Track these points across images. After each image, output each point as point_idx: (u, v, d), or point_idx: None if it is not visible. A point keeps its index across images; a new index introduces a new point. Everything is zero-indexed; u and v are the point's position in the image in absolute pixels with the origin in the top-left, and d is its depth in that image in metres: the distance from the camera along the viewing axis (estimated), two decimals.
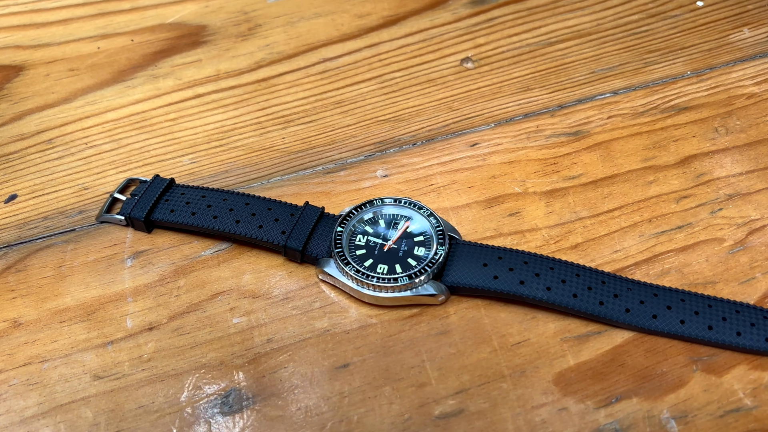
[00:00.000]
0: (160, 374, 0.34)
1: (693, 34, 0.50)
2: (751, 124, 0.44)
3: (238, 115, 0.46)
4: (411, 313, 0.36)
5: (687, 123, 0.45)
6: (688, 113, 0.45)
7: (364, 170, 0.43)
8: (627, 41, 0.50)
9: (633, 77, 0.48)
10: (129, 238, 0.40)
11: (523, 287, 0.36)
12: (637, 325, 0.35)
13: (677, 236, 0.39)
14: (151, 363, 0.35)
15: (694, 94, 0.46)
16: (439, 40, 0.51)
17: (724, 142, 0.43)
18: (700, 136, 0.44)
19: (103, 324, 0.36)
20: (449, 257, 0.37)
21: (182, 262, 0.39)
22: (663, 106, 0.46)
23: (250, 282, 0.38)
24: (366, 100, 0.47)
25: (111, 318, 0.36)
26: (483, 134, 0.44)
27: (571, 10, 0.53)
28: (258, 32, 0.52)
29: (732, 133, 0.44)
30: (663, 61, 0.48)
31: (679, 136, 0.44)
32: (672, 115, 0.45)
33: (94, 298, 0.37)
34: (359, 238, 0.38)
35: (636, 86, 0.47)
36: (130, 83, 0.48)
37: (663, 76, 0.47)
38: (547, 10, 0.53)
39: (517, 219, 0.40)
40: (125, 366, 0.35)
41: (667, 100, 0.46)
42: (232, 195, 0.40)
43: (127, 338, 0.36)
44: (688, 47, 0.49)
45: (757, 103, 0.45)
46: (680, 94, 0.46)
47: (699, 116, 0.45)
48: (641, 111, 0.45)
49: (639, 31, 0.51)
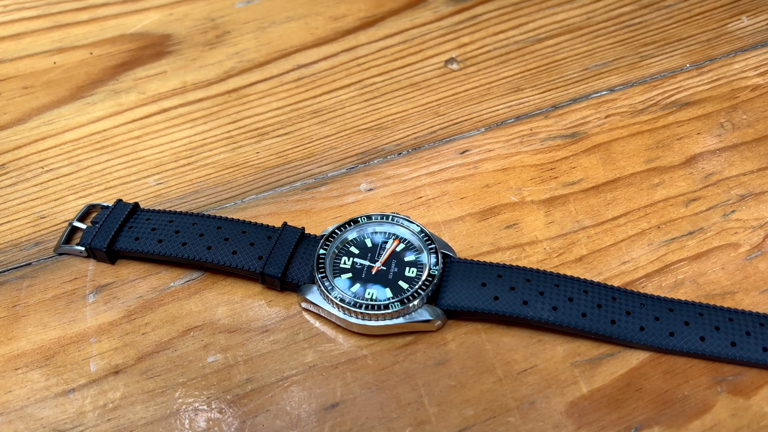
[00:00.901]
0: (128, 425, 0.31)
1: (689, 24, 0.48)
2: (759, 117, 0.41)
3: (207, 130, 0.43)
4: (405, 342, 0.33)
5: (690, 119, 0.42)
6: (691, 109, 0.42)
7: (347, 184, 0.39)
8: (620, 34, 0.47)
9: (629, 72, 0.44)
10: (91, 270, 0.36)
11: (527, 308, 0.32)
12: (654, 345, 0.32)
13: (689, 243, 0.36)
14: (118, 412, 0.31)
15: (695, 88, 0.43)
16: (420, 40, 0.48)
17: (731, 138, 0.40)
18: (705, 132, 0.41)
19: (63, 369, 0.32)
20: (444, 277, 0.34)
21: (150, 296, 0.35)
22: (663, 102, 0.43)
23: (225, 315, 0.34)
24: (345, 108, 0.43)
25: (72, 362, 0.33)
26: (473, 140, 0.41)
27: (559, 4, 0.50)
28: (226, 39, 0.48)
29: (739, 129, 0.41)
30: (660, 54, 0.46)
31: (682, 133, 0.41)
32: (673, 111, 0.42)
33: (53, 340, 0.33)
34: (344, 260, 0.34)
35: (633, 82, 0.44)
36: (90, 100, 0.44)
37: (661, 70, 0.44)
38: (534, 5, 0.50)
39: (515, 231, 0.37)
40: (89, 417, 0.31)
41: (667, 95, 0.43)
42: (202, 219, 0.36)
43: (90, 384, 0.32)
44: (685, 38, 0.47)
45: (763, 95, 0.43)
46: (680, 88, 0.43)
47: (702, 111, 0.42)
48: (640, 108, 0.42)
49: (632, 24, 0.48)
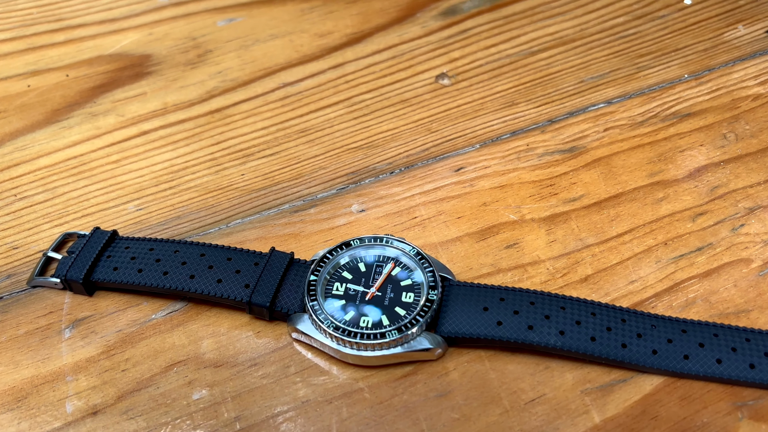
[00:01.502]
0: None
1: (685, 34, 0.46)
2: (762, 127, 0.40)
3: (189, 152, 0.41)
4: (404, 372, 0.31)
5: (692, 131, 0.40)
6: (692, 120, 0.41)
7: (337, 205, 0.37)
8: (615, 46, 0.46)
9: (626, 84, 0.43)
10: (67, 303, 0.34)
11: (533, 333, 0.30)
12: (668, 369, 0.30)
13: (698, 260, 0.34)
14: None
15: (695, 99, 0.42)
16: (410, 56, 0.46)
17: (735, 149, 0.39)
18: (708, 144, 0.39)
19: (37, 412, 0.30)
20: (443, 302, 0.32)
21: (130, 329, 0.33)
22: (663, 113, 0.41)
23: (211, 348, 0.32)
24: (334, 127, 0.42)
25: (47, 403, 0.30)
26: (468, 157, 0.39)
27: (551, 16, 0.48)
28: (208, 59, 0.46)
29: (742, 139, 0.39)
30: (657, 65, 0.44)
31: (684, 146, 0.39)
32: (674, 123, 0.41)
33: (26, 379, 0.31)
34: (336, 286, 0.32)
35: (631, 93, 0.42)
36: (66, 123, 0.42)
37: (659, 81, 0.43)
38: (525, 18, 0.48)
39: (516, 251, 0.35)
40: None
41: (667, 106, 0.41)
42: (184, 246, 0.34)
43: (66, 427, 0.30)
44: (682, 48, 0.45)
45: (765, 104, 0.41)
46: (680, 99, 0.42)
47: (704, 122, 0.40)
48: (640, 121, 0.41)
49: (627, 35, 0.47)
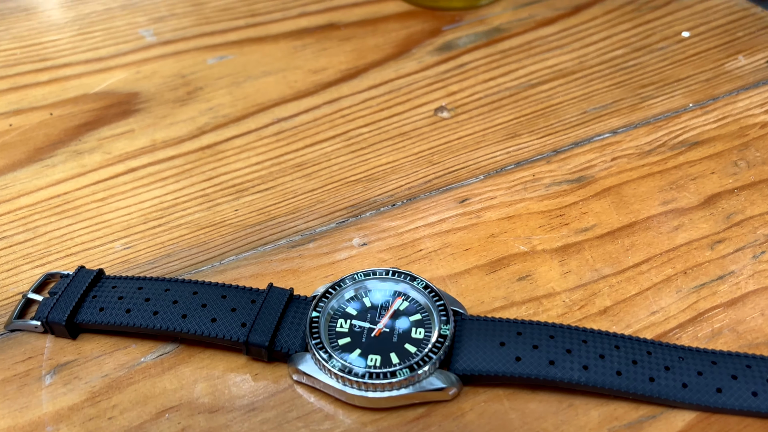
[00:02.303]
0: None
1: (686, 65, 0.46)
2: None
3: (179, 189, 0.39)
4: (416, 415, 0.28)
5: (702, 159, 0.39)
6: (701, 148, 0.39)
7: (338, 239, 0.35)
8: (616, 77, 0.45)
9: (631, 114, 0.42)
10: (48, 347, 0.31)
11: (555, 369, 0.28)
12: (700, 403, 0.28)
13: (720, 288, 0.32)
14: None
15: (702, 128, 0.41)
16: (407, 90, 0.45)
17: (748, 176, 0.38)
18: (719, 171, 0.38)
19: None
20: (456, 338, 0.30)
21: (117, 374, 0.30)
22: (671, 142, 0.40)
23: (205, 392, 0.29)
24: (331, 161, 0.40)
25: None
26: (472, 188, 0.38)
27: (549, 50, 0.47)
28: (199, 96, 0.45)
29: (754, 166, 0.38)
30: (660, 95, 0.43)
31: (696, 173, 0.38)
32: (683, 151, 0.39)
33: (2, 431, 0.28)
34: (340, 323, 0.30)
35: (636, 123, 0.41)
36: (49, 162, 0.41)
37: (664, 111, 0.42)
38: (522, 51, 0.47)
39: (529, 284, 0.33)
40: None
41: (674, 135, 0.40)
42: (175, 284, 0.32)
43: None
44: (684, 78, 0.44)
45: None
46: (687, 128, 0.41)
47: (713, 150, 0.39)
48: (648, 150, 0.39)
49: (627, 66, 0.46)
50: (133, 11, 0.53)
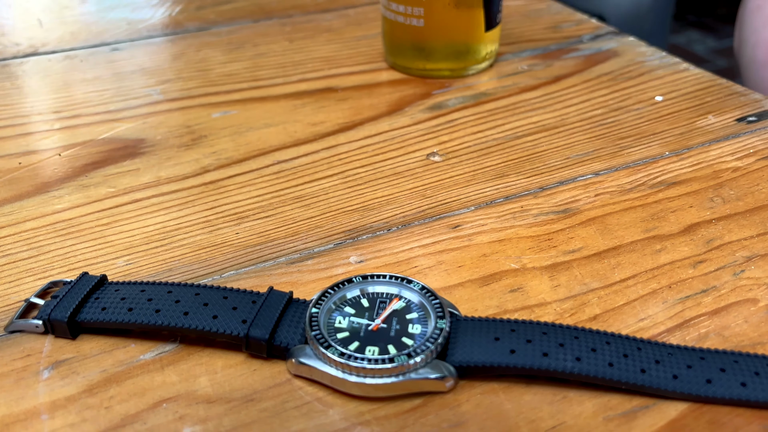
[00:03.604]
0: None
1: (660, 122, 0.49)
2: (746, 192, 0.41)
3: (182, 216, 0.40)
4: (412, 406, 0.29)
5: (680, 195, 0.41)
6: (678, 187, 0.42)
7: (335, 258, 0.37)
8: (596, 131, 0.48)
9: (611, 160, 0.45)
10: (47, 347, 0.31)
11: (549, 360, 0.29)
12: (690, 393, 0.28)
13: (705, 300, 0.34)
14: None
15: (678, 171, 0.43)
16: (400, 139, 0.47)
17: (724, 209, 0.40)
18: (697, 206, 0.40)
19: None
20: (452, 335, 0.30)
21: (115, 369, 0.30)
22: (650, 182, 0.42)
23: (204, 385, 0.30)
24: (329, 194, 0.42)
25: None
26: (464, 216, 0.40)
27: (532, 110, 0.51)
28: (203, 142, 0.47)
29: (729, 202, 0.40)
30: (638, 145, 0.46)
31: (675, 207, 0.40)
32: (662, 189, 0.42)
33: None
34: (339, 320, 0.31)
35: (617, 167, 0.44)
36: (56, 193, 0.42)
37: (642, 158, 0.45)
38: (507, 111, 0.51)
39: (521, 294, 0.34)
40: None
41: (653, 177, 0.43)
42: (177, 287, 0.33)
43: None
44: (659, 132, 0.48)
45: (745, 174, 0.43)
46: (664, 171, 0.43)
47: (690, 189, 0.42)
48: (629, 188, 0.42)
49: (606, 122, 0.49)
50: (141, 75, 0.56)
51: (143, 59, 0.59)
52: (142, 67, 0.57)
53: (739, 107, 0.50)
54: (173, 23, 0.66)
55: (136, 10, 0.69)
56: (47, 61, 0.58)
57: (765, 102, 0.51)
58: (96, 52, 0.60)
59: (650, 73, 0.56)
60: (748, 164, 0.44)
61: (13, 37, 0.63)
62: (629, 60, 0.57)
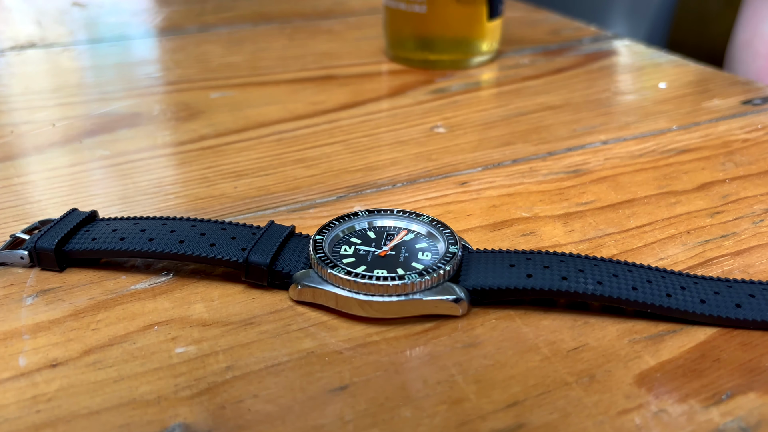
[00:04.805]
0: (66, 414, 0.23)
1: (665, 104, 0.48)
2: (757, 158, 0.40)
3: (179, 173, 0.39)
4: (423, 328, 0.27)
5: (692, 160, 0.40)
6: (689, 154, 0.41)
7: (339, 207, 0.35)
8: (602, 110, 0.47)
9: (619, 131, 0.44)
10: (32, 278, 0.29)
11: (568, 283, 0.27)
12: (720, 316, 0.27)
13: (725, 243, 0.32)
14: (52, 403, 0.23)
15: (688, 141, 0.42)
16: (403, 115, 0.47)
17: (737, 171, 0.39)
18: (709, 168, 0.39)
19: None
20: (464, 264, 0.29)
21: (104, 297, 0.28)
22: (660, 150, 0.41)
23: (199, 311, 0.28)
24: (331, 158, 0.41)
25: None
26: (471, 175, 0.38)
27: (536, 93, 0.50)
28: (200, 116, 0.46)
29: (742, 165, 0.39)
30: (645, 121, 0.45)
31: (688, 169, 0.39)
32: (673, 155, 0.41)
33: None
34: (344, 248, 0.29)
35: (625, 137, 0.43)
36: (48, 156, 0.41)
37: (650, 130, 0.44)
38: (511, 94, 0.50)
39: (534, 238, 0.33)
40: (10, 409, 0.23)
41: (663, 145, 0.42)
42: (173, 220, 0.31)
43: (17, 378, 0.24)
44: (666, 111, 0.47)
45: (755, 144, 0.42)
46: (674, 141, 0.42)
47: (701, 155, 0.41)
48: (638, 154, 0.41)
49: (611, 104, 0.48)
50: (139, 65, 0.55)
51: (142, 53, 0.58)
52: (140, 59, 0.57)
53: (743, 93, 0.50)
54: (173, 25, 0.66)
55: (135, 14, 0.69)
56: (45, 53, 0.58)
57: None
58: (94, 47, 0.59)
59: (652, 66, 0.55)
60: (758, 136, 0.43)
61: (12, 33, 0.63)
62: (630, 56, 0.57)
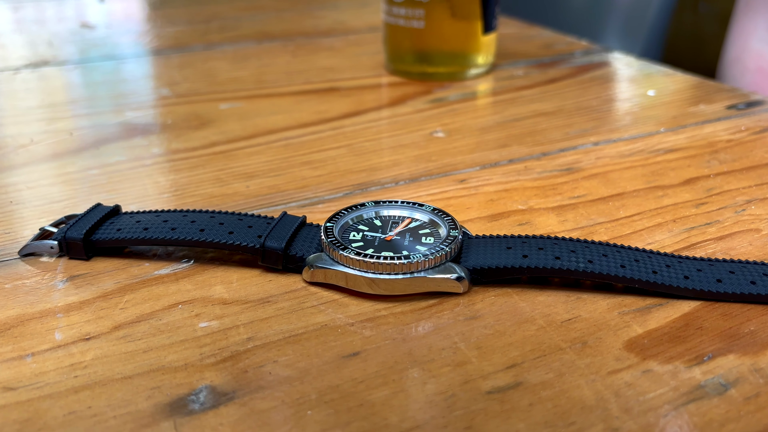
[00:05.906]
0: (102, 379, 0.25)
1: (654, 109, 0.51)
2: (741, 156, 0.43)
3: (193, 174, 0.41)
4: (428, 304, 0.29)
5: (678, 159, 0.42)
6: (676, 153, 0.43)
7: (345, 203, 0.37)
8: (593, 115, 0.50)
9: (609, 134, 0.46)
10: (61, 266, 0.32)
11: (561, 261, 0.29)
12: (703, 290, 0.29)
13: (709, 230, 0.34)
14: (88, 369, 0.25)
15: (675, 142, 0.45)
16: (404, 122, 0.49)
17: (721, 168, 0.41)
18: (695, 165, 0.41)
19: (20, 338, 0.27)
20: (464, 247, 0.31)
21: (130, 281, 0.30)
22: (648, 150, 0.44)
23: (220, 292, 0.30)
24: (336, 160, 0.43)
25: (33, 333, 0.27)
26: (470, 174, 0.41)
27: (530, 101, 0.53)
28: (211, 125, 0.49)
29: (725, 163, 0.42)
30: (634, 124, 0.48)
31: (675, 166, 0.41)
32: (661, 154, 0.43)
33: (11, 317, 0.28)
34: (353, 235, 0.31)
35: (615, 139, 0.45)
36: (67, 161, 0.43)
37: (639, 132, 0.46)
38: (506, 102, 0.53)
39: (530, 227, 0.35)
40: (51, 375, 0.25)
41: (651, 146, 0.44)
42: (193, 212, 0.33)
43: (54, 349, 0.26)
44: (654, 116, 0.49)
45: (738, 144, 0.44)
46: (662, 142, 0.45)
47: (688, 154, 0.43)
48: (628, 154, 0.43)
49: (602, 110, 0.51)
50: (150, 79, 0.58)
51: (151, 69, 0.61)
52: (150, 74, 0.59)
53: (728, 99, 0.52)
54: (180, 43, 0.68)
55: (141, 35, 0.72)
56: (58, 70, 0.60)
57: (753, 95, 0.53)
58: (104, 65, 0.62)
59: (641, 76, 0.58)
60: (741, 137, 0.45)
61: (25, 52, 0.66)
62: (621, 67, 0.60)
